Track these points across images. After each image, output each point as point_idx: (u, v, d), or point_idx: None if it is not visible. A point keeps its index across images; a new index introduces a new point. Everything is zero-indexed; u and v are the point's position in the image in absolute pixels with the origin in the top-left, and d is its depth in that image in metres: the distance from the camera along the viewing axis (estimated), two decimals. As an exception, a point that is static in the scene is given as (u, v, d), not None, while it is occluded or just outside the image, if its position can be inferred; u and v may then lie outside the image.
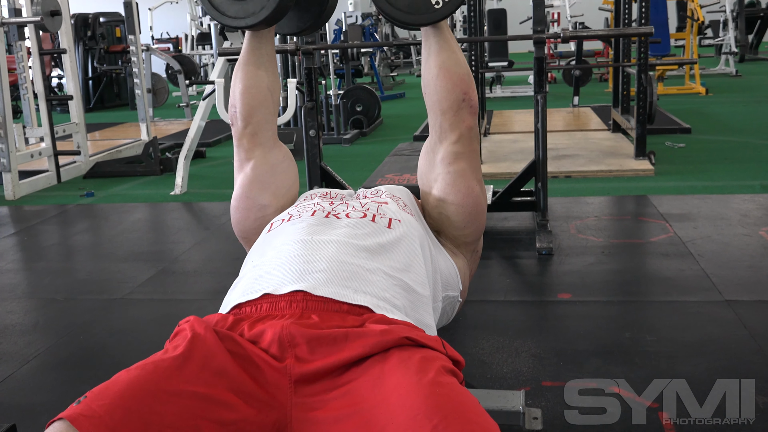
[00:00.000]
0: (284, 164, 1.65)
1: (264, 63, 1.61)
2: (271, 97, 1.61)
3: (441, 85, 1.49)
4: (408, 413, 0.93)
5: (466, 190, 1.58)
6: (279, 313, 1.15)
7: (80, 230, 4.05)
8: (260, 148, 1.62)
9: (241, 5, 1.46)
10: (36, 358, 2.27)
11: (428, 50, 1.50)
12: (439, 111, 1.51)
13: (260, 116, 1.60)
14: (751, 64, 11.60)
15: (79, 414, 0.93)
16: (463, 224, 1.61)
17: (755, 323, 2.22)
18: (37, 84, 5.29)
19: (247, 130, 1.61)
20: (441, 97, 1.50)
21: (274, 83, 1.61)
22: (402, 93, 10.32)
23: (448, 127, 1.52)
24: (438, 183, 1.58)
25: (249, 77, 1.60)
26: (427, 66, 1.50)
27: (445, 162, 1.56)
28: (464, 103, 1.52)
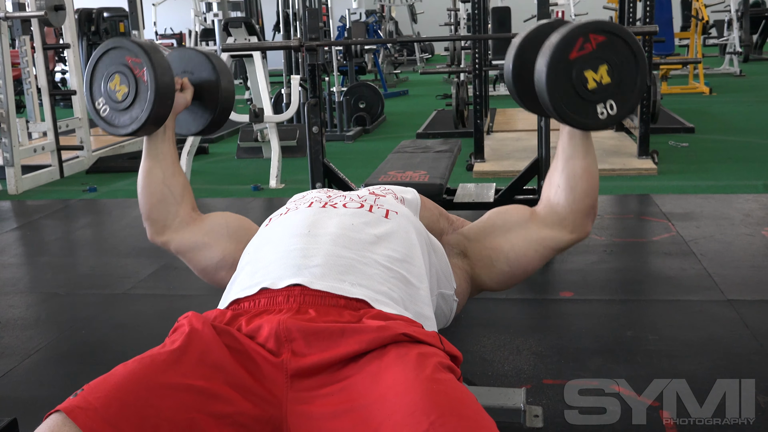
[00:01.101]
0: (205, 222, 1.67)
1: (160, 161, 1.66)
2: (169, 191, 1.66)
3: (582, 186, 1.52)
4: (405, 410, 0.92)
5: (530, 269, 1.64)
6: (276, 307, 1.15)
7: (83, 225, 4.06)
8: (174, 233, 1.67)
9: (126, 114, 1.54)
10: (38, 352, 2.27)
11: (574, 150, 1.52)
12: (570, 209, 1.54)
13: (163, 211, 1.66)
14: (755, 63, 11.57)
15: (75, 406, 0.93)
16: (497, 281, 1.66)
17: (757, 323, 2.22)
18: (41, 79, 5.30)
19: (154, 229, 1.68)
20: (578, 198, 1.53)
21: (171, 177, 1.66)
22: (405, 90, 10.31)
23: (570, 225, 1.55)
24: (516, 244, 1.59)
25: (145, 176, 1.68)
26: (571, 165, 1.52)
27: (544, 243, 1.58)
28: (592, 210, 1.57)
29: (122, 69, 1.52)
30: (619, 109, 1.42)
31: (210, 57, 1.70)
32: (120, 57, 1.53)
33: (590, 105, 1.41)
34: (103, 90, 1.57)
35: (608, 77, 1.39)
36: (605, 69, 1.38)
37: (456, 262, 1.60)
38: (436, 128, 6.50)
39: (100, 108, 1.58)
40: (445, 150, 3.49)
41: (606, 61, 1.38)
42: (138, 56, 1.50)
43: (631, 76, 1.41)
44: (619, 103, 1.42)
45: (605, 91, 1.40)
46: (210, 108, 1.72)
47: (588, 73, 1.38)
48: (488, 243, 1.61)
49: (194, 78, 1.70)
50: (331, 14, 8.73)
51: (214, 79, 1.68)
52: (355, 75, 8.43)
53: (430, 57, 15.68)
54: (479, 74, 5.03)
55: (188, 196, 1.69)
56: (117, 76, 1.53)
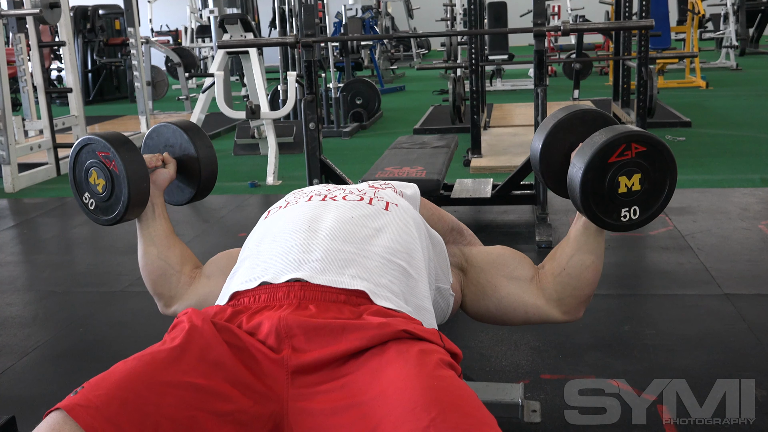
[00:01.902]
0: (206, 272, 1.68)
1: (153, 238, 1.70)
2: (167, 264, 1.68)
3: (586, 276, 1.55)
4: (406, 406, 0.92)
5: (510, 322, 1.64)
6: (277, 303, 1.15)
7: (79, 223, 4.05)
8: (181, 300, 1.67)
9: (108, 205, 1.61)
10: (35, 350, 2.27)
11: (587, 242, 1.55)
12: (569, 293, 1.57)
13: (166, 285, 1.68)
14: (751, 57, 11.58)
15: (75, 404, 0.93)
16: (480, 316, 1.66)
17: (754, 317, 2.23)
18: (37, 76, 5.28)
19: (162, 302, 1.69)
20: (581, 286, 1.56)
21: (166, 251, 1.68)
22: (402, 86, 10.30)
23: (567, 308, 1.58)
24: (512, 293, 1.60)
25: (142, 256, 1.71)
26: (579, 255, 1.55)
27: (535, 310, 1.59)
28: (587, 300, 1.60)
29: (96, 163, 1.58)
30: (641, 214, 1.46)
31: (182, 127, 1.73)
32: (92, 152, 1.59)
33: (616, 207, 1.45)
34: (85, 185, 1.63)
35: (639, 185, 1.43)
36: (638, 177, 1.42)
37: (453, 270, 1.61)
38: (433, 124, 6.50)
39: (87, 202, 1.64)
40: (442, 146, 3.50)
41: (641, 171, 1.42)
42: (107, 149, 1.55)
43: (661, 187, 1.45)
44: (642, 209, 1.46)
45: (633, 197, 1.44)
46: (194, 178, 1.77)
47: (622, 179, 1.42)
48: (489, 276, 1.63)
49: (175, 151, 1.75)
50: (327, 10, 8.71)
51: (193, 153, 1.73)
52: (352, 71, 8.41)
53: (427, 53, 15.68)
54: (476, 69, 5.03)
55: (188, 262, 1.71)
56: (94, 170, 1.59)
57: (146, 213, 1.69)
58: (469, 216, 3.54)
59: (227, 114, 5.13)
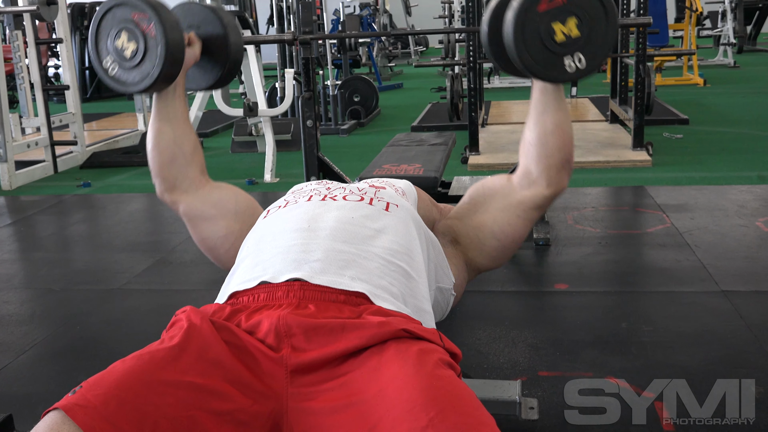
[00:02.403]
0: (215, 192, 1.67)
1: (170, 120, 1.64)
2: (180, 150, 1.64)
3: (554, 142, 1.50)
4: (405, 405, 0.92)
5: (519, 237, 1.62)
6: (276, 302, 1.15)
7: (77, 220, 4.05)
8: (184, 195, 1.65)
9: (137, 71, 1.52)
10: (32, 348, 2.27)
11: (545, 105, 1.51)
12: (544, 165, 1.53)
13: (173, 170, 1.64)
14: (749, 55, 11.59)
15: (74, 404, 0.93)
16: (491, 258, 1.64)
17: (751, 314, 2.23)
18: (34, 74, 5.27)
19: (164, 187, 1.66)
20: (551, 153, 1.51)
21: (182, 137, 1.64)
22: (400, 83, 10.30)
23: (545, 181, 1.54)
24: (499, 215, 1.58)
25: (154, 135, 1.64)
26: (542, 120, 1.51)
27: (523, 206, 1.57)
28: (567, 165, 1.54)
29: (129, 26, 1.49)
30: (587, 62, 1.41)
31: (216, 11, 1.66)
32: (125, 14, 1.50)
33: (558, 58, 1.39)
34: (110, 48, 1.53)
35: (577, 31, 1.38)
36: (574, 22, 1.37)
37: (449, 250, 1.59)
38: (431, 121, 6.49)
39: (108, 67, 1.55)
40: (439, 143, 3.49)
41: (575, 15, 1.37)
42: (144, 12, 1.47)
43: (601, 30, 1.39)
44: (587, 56, 1.41)
45: (574, 45, 1.39)
46: (219, 62, 1.69)
47: (556, 25, 1.37)
48: (473, 222, 1.60)
49: (201, 32, 1.67)
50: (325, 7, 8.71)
51: (221, 33, 1.65)
52: (350, 68, 8.41)
53: (425, 50, 15.66)
54: (474, 67, 5.02)
55: (198, 157, 1.67)
56: (124, 33, 1.49)
57: (168, 90, 1.63)
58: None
59: (225, 111, 5.13)
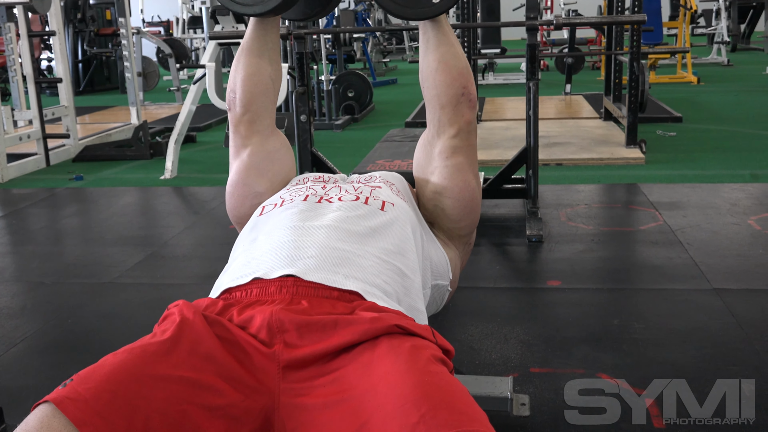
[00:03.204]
0: (281, 152, 1.64)
1: (268, 52, 1.59)
2: (272, 86, 1.59)
3: (440, 79, 1.47)
4: (396, 401, 0.92)
5: (463, 184, 1.57)
6: (269, 298, 1.15)
7: (69, 214, 4.03)
8: (257, 135, 1.61)
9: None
10: (23, 341, 2.26)
11: (426, 44, 1.48)
12: (438, 105, 1.50)
13: (260, 104, 1.59)
14: (742, 53, 11.63)
15: (64, 397, 0.92)
16: (458, 217, 1.61)
17: (742, 311, 2.24)
18: (26, 66, 5.24)
19: (245, 117, 1.60)
20: (440, 91, 1.48)
21: (276, 72, 1.59)
22: (394, 79, 10.29)
23: (447, 122, 1.51)
24: (435, 176, 1.57)
25: (251, 65, 1.58)
26: (426, 60, 1.49)
27: (443, 156, 1.55)
28: (463, 98, 1.50)
29: None
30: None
31: None
32: None
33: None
34: None
35: None
36: None
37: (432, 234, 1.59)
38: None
39: None
40: (433, 139, 3.49)
41: None
42: None
43: None
44: None
45: None
46: None
47: None
48: (426, 197, 1.59)
49: None
50: (320, 2, 8.70)
51: None
52: (344, 63, 8.39)
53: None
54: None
55: (277, 101, 1.64)
56: None
57: (271, 21, 1.58)
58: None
59: (218, 105, 5.10)
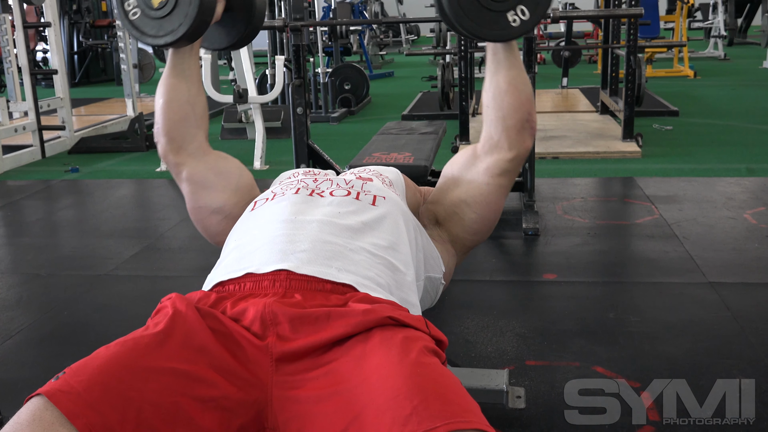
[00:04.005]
0: (222, 163, 1.62)
1: (186, 78, 1.60)
2: (192, 110, 1.60)
3: (508, 101, 1.47)
4: (389, 393, 0.92)
5: (495, 206, 1.59)
6: (262, 291, 1.15)
7: (65, 206, 4.02)
8: (189, 158, 1.60)
9: (160, 23, 1.45)
10: (19, 333, 2.26)
11: (497, 65, 1.48)
12: (501, 127, 1.50)
13: (182, 131, 1.59)
14: (739, 47, 11.63)
15: (57, 390, 0.92)
16: (474, 231, 1.62)
17: (738, 305, 2.24)
18: (21, 58, 5.22)
19: (170, 146, 1.60)
20: (506, 113, 1.48)
21: (196, 96, 1.60)
22: (391, 72, 10.27)
23: (507, 144, 1.51)
24: (470, 186, 1.56)
25: (168, 91, 1.59)
26: (495, 80, 1.48)
27: (490, 173, 1.54)
28: (527, 124, 1.51)
29: None
30: (531, 13, 1.37)
31: None
32: None
33: (499, 15, 1.36)
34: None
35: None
36: None
37: (434, 233, 1.59)
38: (422, 110, 6.48)
39: (129, 10, 1.47)
40: (430, 132, 3.49)
41: None
42: None
43: None
44: (530, 7, 1.37)
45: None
46: (242, 21, 1.63)
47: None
48: (448, 200, 1.59)
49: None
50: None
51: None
52: (341, 56, 8.38)
53: (416, 38, 15.62)
54: (465, 56, 5.01)
55: (206, 122, 1.63)
56: None
57: (187, 49, 1.58)
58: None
59: (214, 98, 5.10)
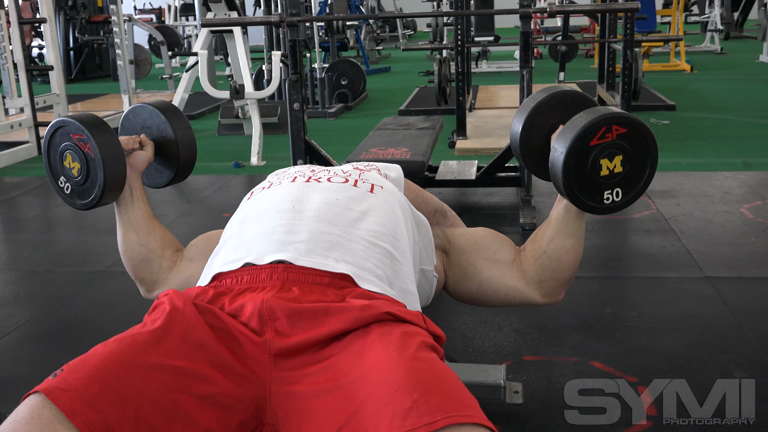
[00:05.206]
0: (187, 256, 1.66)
1: (132, 226, 1.67)
2: (147, 249, 1.66)
3: (567, 260, 1.55)
4: (388, 388, 0.92)
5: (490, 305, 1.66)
6: (260, 285, 1.14)
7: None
8: (165, 284, 1.66)
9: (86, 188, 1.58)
10: (16, 330, 2.26)
11: (567, 225, 1.54)
12: (549, 276, 1.57)
13: (147, 269, 1.66)
14: (736, 41, 11.62)
15: (55, 387, 0.92)
16: (466, 292, 1.65)
17: (735, 299, 2.25)
18: (17, 54, 5.20)
19: (144, 288, 1.68)
20: (562, 269, 1.56)
21: (146, 236, 1.67)
22: (388, 67, 10.26)
23: (547, 290, 1.59)
24: (491, 276, 1.60)
25: (122, 242, 1.69)
26: (561, 240, 1.55)
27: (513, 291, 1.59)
28: (568, 283, 1.60)
29: (71, 146, 1.55)
30: (623, 196, 1.46)
31: (159, 108, 1.70)
32: (66, 135, 1.56)
33: (599, 190, 1.44)
34: (60, 168, 1.60)
35: (621, 167, 1.43)
36: (620, 159, 1.42)
37: (437, 252, 1.61)
38: (419, 105, 6.48)
39: (63, 186, 1.62)
40: (427, 127, 3.49)
41: (622, 152, 1.42)
42: (81, 132, 1.52)
43: (642, 167, 1.46)
44: (625, 191, 1.46)
45: (615, 179, 1.44)
46: (172, 160, 1.74)
47: (603, 161, 1.42)
48: (471, 259, 1.63)
49: (153, 133, 1.72)
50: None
51: (170, 134, 1.69)
52: (337, 51, 8.36)
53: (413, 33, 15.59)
54: (462, 51, 5.01)
55: (168, 246, 1.69)
56: (68, 154, 1.56)
57: (124, 197, 1.66)
58: (453, 198, 3.54)
59: (211, 93, 5.09)
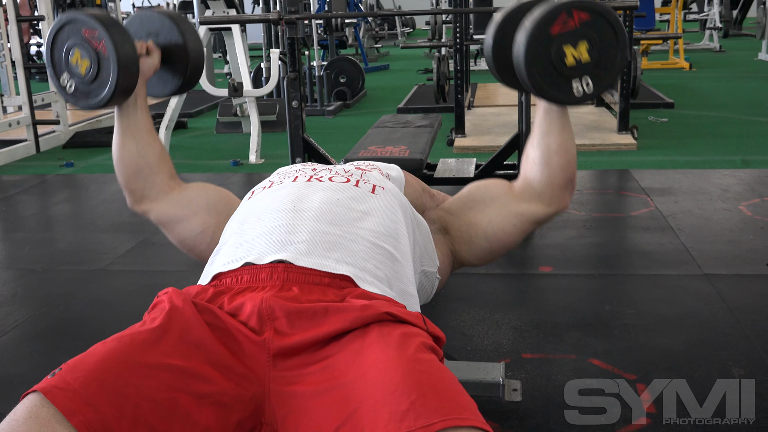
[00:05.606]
0: (183, 194, 1.66)
1: (132, 134, 1.65)
2: (144, 161, 1.65)
3: (557, 161, 1.53)
4: (386, 389, 0.92)
5: (509, 245, 1.63)
6: (259, 284, 1.14)
7: (60, 201, 4.01)
8: (152, 203, 1.65)
9: (94, 87, 1.53)
10: (14, 329, 2.25)
11: (550, 125, 1.53)
12: (547, 182, 1.55)
13: (139, 182, 1.65)
14: (734, 39, 11.62)
15: (53, 386, 0.92)
16: (477, 257, 1.65)
17: (733, 297, 2.25)
18: (15, 51, 5.19)
19: (132, 199, 1.67)
20: (554, 172, 1.54)
21: (145, 148, 1.65)
22: (386, 65, 10.25)
23: (548, 199, 1.56)
24: (494, 219, 1.59)
25: (118, 149, 1.66)
26: (546, 141, 1.53)
27: (521, 217, 1.58)
28: (570, 184, 1.57)
29: (81, 43, 1.50)
30: (594, 86, 1.43)
31: (174, 18, 1.67)
32: (76, 30, 1.51)
33: (566, 81, 1.42)
34: (65, 65, 1.55)
35: (587, 55, 1.40)
36: (585, 47, 1.39)
37: (438, 237, 1.60)
38: (417, 103, 6.47)
39: (65, 84, 1.57)
40: (425, 125, 3.48)
41: (587, 39, 1.39)
42: (94, 28, 1.48)
43: (611, 55, 1.42)
44: (595, 80, 1.43)
45: (583, 68, 1.41)
46: (180, 69, 1.70)
47: (567, 48, 1.39)
48: (467, 218, 1.61)
49: (160, 40, 1.67)
50: (311, -13, 8.64)
51: (180, 41, 1.65)
52: (336, 49, 8.36)
53: (411, 31, 15.58)
54: (460, 49, 5.00)
55: (165, 165, 1.67)
56: (77, 50, 1.51)
57: (128, 102, 1.63)
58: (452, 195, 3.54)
59: (209, 91, 5.08)
